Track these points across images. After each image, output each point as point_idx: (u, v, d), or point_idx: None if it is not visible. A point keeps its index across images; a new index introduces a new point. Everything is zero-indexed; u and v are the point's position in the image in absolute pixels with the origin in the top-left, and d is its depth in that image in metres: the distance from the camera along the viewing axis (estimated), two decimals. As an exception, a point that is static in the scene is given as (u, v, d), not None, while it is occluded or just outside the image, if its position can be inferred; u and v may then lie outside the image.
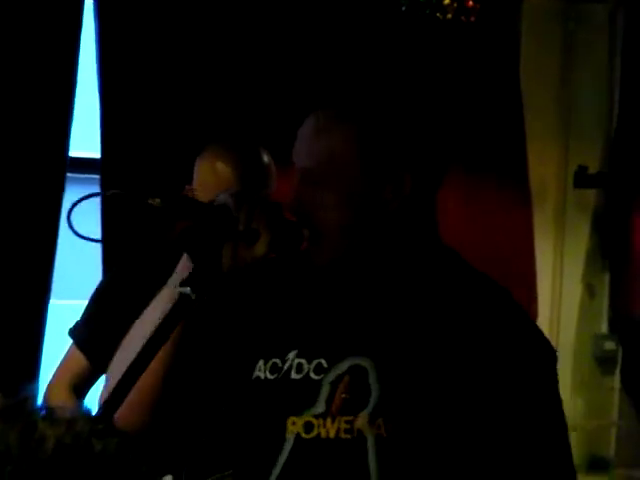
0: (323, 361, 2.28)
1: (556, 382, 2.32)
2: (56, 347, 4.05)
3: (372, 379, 2.23)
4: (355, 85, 2.68)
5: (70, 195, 4.43)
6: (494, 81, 5.09)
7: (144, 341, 2.14)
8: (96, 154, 4.74)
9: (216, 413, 2.50)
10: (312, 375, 2.30)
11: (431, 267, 2.35)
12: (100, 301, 3.53)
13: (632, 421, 5.58)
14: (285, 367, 2.33)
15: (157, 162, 4.55)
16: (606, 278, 5.27)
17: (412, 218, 2.31)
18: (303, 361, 2.32)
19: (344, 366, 2.26)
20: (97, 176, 4.65)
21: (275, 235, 2.22)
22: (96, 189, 4.46)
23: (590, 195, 5.26)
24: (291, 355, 2.33)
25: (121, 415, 2.21)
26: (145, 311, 2.35)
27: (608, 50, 4.96)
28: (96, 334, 3.41)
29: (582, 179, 5.09)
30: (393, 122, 2.29)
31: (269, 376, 2.35)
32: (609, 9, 5.04)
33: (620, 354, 5.56)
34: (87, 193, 2.36)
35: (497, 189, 5.10)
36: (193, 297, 2.45)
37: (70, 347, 3.53)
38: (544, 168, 5.28)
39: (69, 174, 4.51)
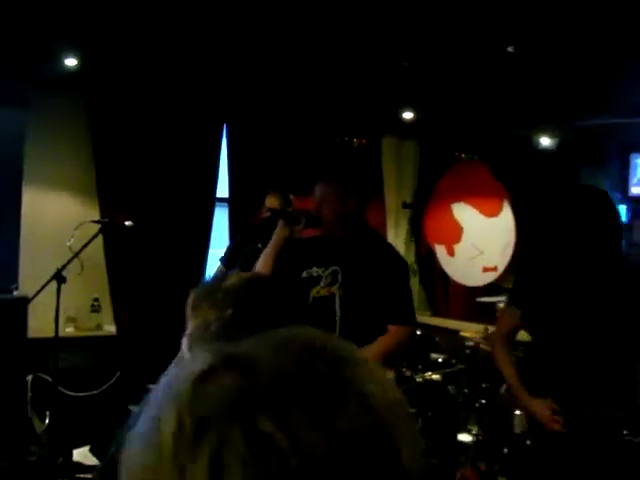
0: (323, 268, 4.43)
1: (409, 274, 4.64)
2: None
3: (340, 274, 4.39)
4: (335, 171, 4.88)
5: (216, 214, 8.16)
6: (369, 170, 9.13)
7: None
8: (226, 195, 8.47)
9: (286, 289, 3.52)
10: (320, 273, 4.42)
11: (366, 233, 4.53)
12: (235, 248, 6.59)
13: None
14: (311, 271, 4.47)
15: (250, 199, 7.93)
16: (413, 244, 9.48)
17: (357, 215, 4.44)
18: (317, 269, 4.46)
19: (330, 269, 4.41)
20: (226, 205, 8.37)
21: (307, 221, 4.35)
22: (225, 213, 8.27)
23: (408, 212, 9.66)
24: (314, 267, 4.46)
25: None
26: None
27: (395, 154, 9.60)
28: (232, 258, 6.53)
29: (405, 205, 9.56)
30: (351, 185, 4.48)
31: (306, 275, 4.46)
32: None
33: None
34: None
35: (374, 207, 8.89)
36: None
37: (217, 267, 6.57)
38: (392, 200, 9.67)
39: (217, 204, 8.29)
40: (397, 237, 9.66)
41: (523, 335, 4.40)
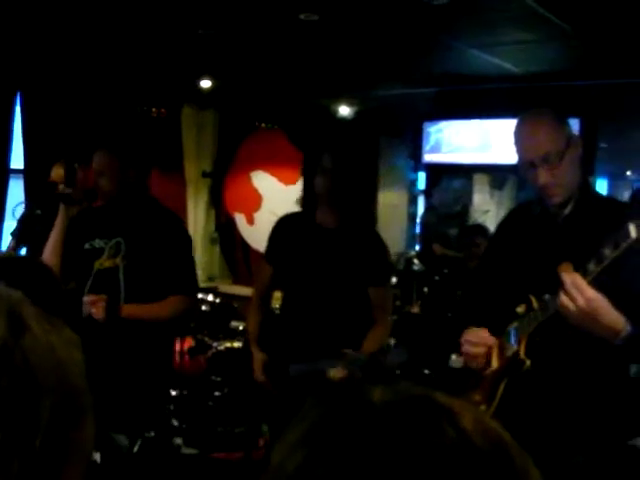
0: (106, 240, 4.43)
1: (191, 243, 4.50)
2: None
3: (122, 245, 4.39)
4: (111, 141, 4.69)
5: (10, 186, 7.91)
6: (169, 140, 9.11)
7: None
8: (21, 166, 8.16)
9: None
10: (103, 245, 4.44)
11: (148, 203, 4.57)
12: (25, 220, 6.48)
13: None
14: (94, 243, 4.47)
15: (47, 170, 6.83)
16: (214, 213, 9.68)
17: (138, 185, 4.53)
18: (100, 241, 4.45)
19: (113, 241, 4.43)
20: (22, 177, 8.12)
21: (88, 198, 4.61)
22: (21, 184, 8.02)
23: (208, 181, 9.70)
24: (96, 239, 4.47)
25: None
26: None
27: (213, 125, 9.65)
28: (23, 231, 6.35)
29: (205, 174, 9.58)
30: (129, 154, 4.50)
31: (88, 247, 4.49)
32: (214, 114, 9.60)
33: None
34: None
35: (173, 176, 8.80)
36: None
37: (10, 242, 6.56)
38: (191, 170, 9.52)
39: (12, 175, 7.96)
40: (197, 206, 9.68)
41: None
